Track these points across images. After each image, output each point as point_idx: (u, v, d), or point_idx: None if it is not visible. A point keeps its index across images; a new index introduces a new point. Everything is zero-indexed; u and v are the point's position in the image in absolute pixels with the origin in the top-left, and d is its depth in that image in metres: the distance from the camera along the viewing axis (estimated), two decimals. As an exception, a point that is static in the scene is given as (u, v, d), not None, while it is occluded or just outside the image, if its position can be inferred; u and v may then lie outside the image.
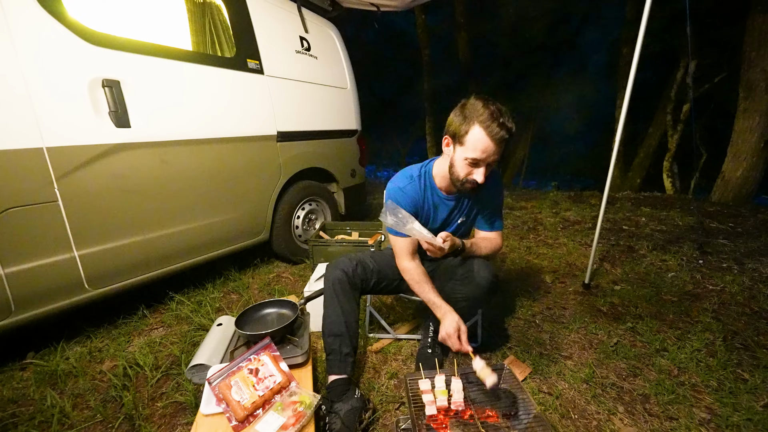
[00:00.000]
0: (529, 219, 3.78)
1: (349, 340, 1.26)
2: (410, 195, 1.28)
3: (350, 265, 1.33)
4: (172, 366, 1.52)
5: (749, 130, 4.17)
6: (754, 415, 1.20)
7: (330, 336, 1.28)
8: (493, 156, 1.11)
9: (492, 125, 1.06)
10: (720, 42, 5.45)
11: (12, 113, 1.32)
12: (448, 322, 1.17)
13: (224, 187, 2.05)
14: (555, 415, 1.23)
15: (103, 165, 1.55)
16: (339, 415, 1.12)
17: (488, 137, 1.07)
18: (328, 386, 1.22)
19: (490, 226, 1.43)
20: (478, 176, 1.13)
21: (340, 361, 1.24)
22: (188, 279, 2.19)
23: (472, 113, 1.09)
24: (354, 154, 3.16)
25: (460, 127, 1.12)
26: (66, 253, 1.47)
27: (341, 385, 1.21)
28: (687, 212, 3.62)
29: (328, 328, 1.29)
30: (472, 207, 1.38)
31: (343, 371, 1.23)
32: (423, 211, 1.33)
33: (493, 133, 1.06)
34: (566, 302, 2.01)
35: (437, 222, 1.38)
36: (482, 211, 1.41)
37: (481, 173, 1.13)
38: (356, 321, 1.31)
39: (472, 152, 1.10)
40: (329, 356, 1.27)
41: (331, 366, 1.25)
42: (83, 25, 1.49)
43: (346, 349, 1.26)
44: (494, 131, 1.06)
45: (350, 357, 1.26)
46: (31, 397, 1.35)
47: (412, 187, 1.29)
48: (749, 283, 2.11)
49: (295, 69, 2.49)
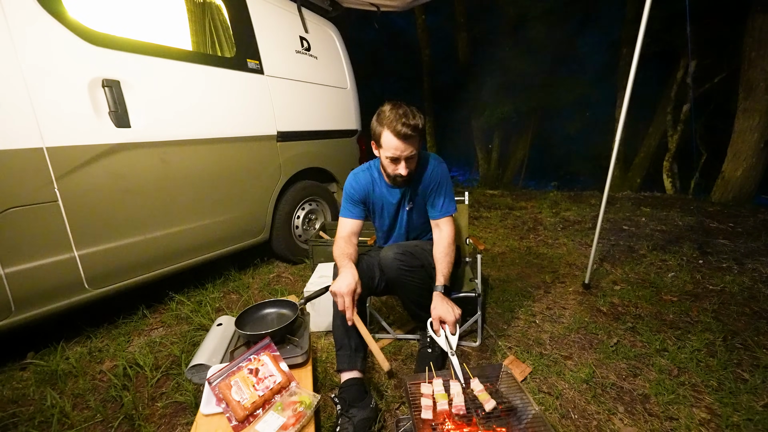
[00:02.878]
0: (529, 219, 3.78)
1: (356, 333, 1.24)
2: (361, 182, 1.46)
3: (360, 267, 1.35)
4: (172, 366, 1.52)
5: (749, 129, 4.16)
6: (754, 415, 1.20)
7: (339, 330, 1.28)
8: (406, 151, 1.25)
9: (397, 125, 1.20)
10: (720, 42, 5.45)
11: (12, 113, 1.32)
12: (341, 278, 1.17)
13: (224, 187, 2.05)
14: (555, 415, 1.23)
15: (103, 165, 1.55)
16: (353, 422, 1.09)
17: (395, 137, 1.22)
18: (341, 385, 1.21)
19: (440, 210, 1.45)
20: (401, 170, 1.29)
21: (350, 356, 1.24)
22: (188, 279, 2.19)
23: (383, 119, 1.25)
24: (354, 154, 3.16)
25: (375, 132, 1.29)
26: (66, 253, 1.48)
27: (357, 386, 1.19)
28: (687, 212, 3.62)
29: (336, 324, 1.30)
30: (417, 193, 1.45)
31: (354, 366, 1.23)
32: (371, 199, 1.47)
33: (398, 132, 1.20)
34: (566, 302, 2.01)
35: (388, 210, 1.49)
36: (429, 196, 1.45)
37: (403, 167, 1.28)
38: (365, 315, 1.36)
39: (387, 152, 1.26)
40: (339, 351, 1.27)
41: (341, 361, 1.24)
42: (83, 25, 1.49)
43: (354, 343, 1.26)
44: (399, 130, 1.20)
45: (360, 352, 1.26)
46: (31, 397, 1.36)
47: (364, 176, 1.46)
48: (749, 283, 2.11)
49: (295, 69, 2.49)
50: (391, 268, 1.31)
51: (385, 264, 1.32)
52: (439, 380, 1.07)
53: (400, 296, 1.45)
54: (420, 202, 1.47)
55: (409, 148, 1.25)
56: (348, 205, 1.46)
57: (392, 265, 1.30)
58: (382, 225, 1.55)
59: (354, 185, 1.45)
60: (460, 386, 1.02)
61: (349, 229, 1.42)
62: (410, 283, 1.34)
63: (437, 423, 0.97)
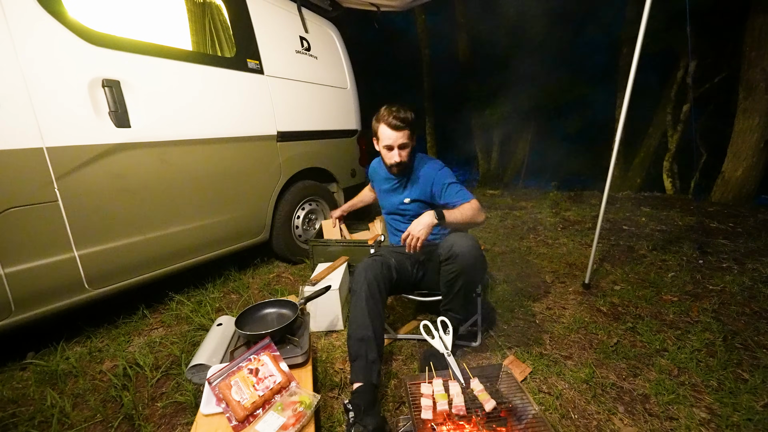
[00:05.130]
0: (529, 219, 3.78)
1: (375, 345, 1.23)
2: (374, 166, 1.79)
3: (379, 269, 1.38)
4: (172, 366, 1.52)
5: (749, 130, 4.16)
6: (754, 415, 1.20)
7: (356, 340, 1.24)
8: (399, 140, 1.46)
9: (389, 118, 1.44)
10: (720, 42, 5.45)
11: (12, 113, 1.32)
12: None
13: (224, 187, 2.05)
14: (555, 415, 1.23)
15: (103, 165, 1.55)
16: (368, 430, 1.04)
17: (388, 127, 1.45)
18: (354, 391, 1.17)
19: (457, 197, 1.49)
20: (396, 157, 1.49)
21: (365, 367, 1.20)
22: (188, 279, 2.19)
23: (379, 116, 1.49)
24: (354, 154, 3.16)
25: (374, 128, 1.53)
26: (66, 253, 1.47)
27: (370, 393, 1.15)
28: (687, 212, 3.62)
29: (354, 332, 1.26)
30: (414, 188, 1.58)
31: (370, 378, 1.18)
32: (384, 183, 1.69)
33: (390, 123, 1.44)
34: (566, 302, 2.01)
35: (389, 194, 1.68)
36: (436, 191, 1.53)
37: (396, 154, 1.48)
38: (382, 326, 1.31)
39: (383, 141, 1.49)
40: (355, 362, 1.22)
41: (357, 372, 1.20)
42: (83, 25, 1.49)
43: (372, 355, 1.22)
44: (391, 122, 1.44)
45: (376, 364, 1.22)
46: (31, 397, 1.35)
47: (379, 165, 1.74)
48: (749, 283, 2.11)
49: (295, 69, 2.49)
50: (470, 255, 1.32)
51: (464, 251, 1.31)
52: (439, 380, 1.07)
53: (455, 289, 1.39)
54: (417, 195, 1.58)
55: (400, 138, 1.45)
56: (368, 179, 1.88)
57: (472, 253, 1.32)
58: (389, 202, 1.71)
59: (377, 169, 1.76)
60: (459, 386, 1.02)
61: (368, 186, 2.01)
62: (479, 273, 1.41)
63: (437, 423, 0.98)
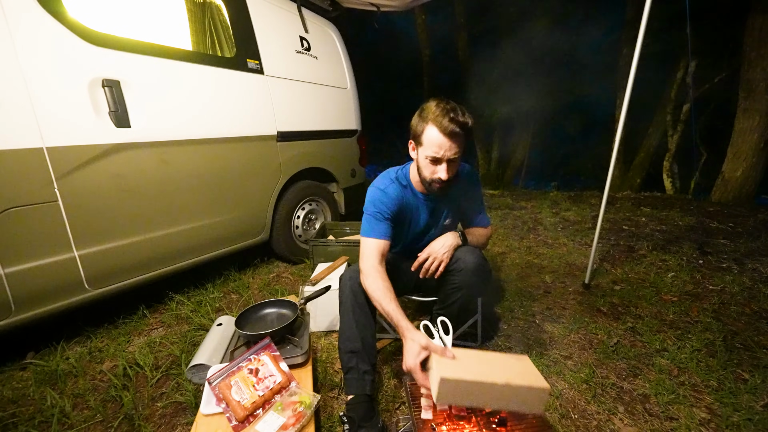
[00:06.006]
0: (529, 219, 3.78)
1: (366, 356, 1.20)
2: (392, 195, 1.30)
3: None
4: (172, 366, 1.52)
5: (749, 130, 4.16)
6: (754, 415, 1.20)
7: (346, 353, 1.21)
8: (450, 151, 1.13)
9: (443, 121, 1.09)
10: (720, 42, 5.45)
11: (12, 113, 1.32)
12: (408, 350, 1.01)
13: (224, 187, 2.05)
14: (555, 415, 1.23)
15: (103, 165, 1.55)
16: None
17: (441, 133, 1.10)
18: (349, 402, 1.16)
19: (481, 220, 1.46)
20: (442, 173, 1.16)
21: (359, 379, 1.18)
22: (188, 279, 2.19)
23: (427, 114, 1.13)
24: (354, 154, 3.16)
25: (416, 128, 1.17)
26: (66, 253, 1.47)
27: (365, 403, 1.14)
28: (687, 212, 3.62)
29: (344, 345, 1.23)
30: (452, 207, 1.40)
31: (363, 390, 1.17)
32: (407, 212, 1.35)
33: (444, 128, 1.09)
34: (566, 302, 2.01)
35: (421, 224, 1.39)
36: (465, 210, 1.44)
37: (444, 170, 1.15)
38: (373, 335, 1.24)
39: (429, 150, 1.14)
40: (347, 374, 1.21)
41: (350, 385, 1.19)
42: (83, 25, 1.49)
43: (364, 367, 1.19)
44: (445, 126, 1.09)
45: (369, 375, 1.19)
46: (31, 397, 1.35)
47: (394, 188, 1.31)
48: (749, 283, 2.11)
49: (295, 69, 2.49)
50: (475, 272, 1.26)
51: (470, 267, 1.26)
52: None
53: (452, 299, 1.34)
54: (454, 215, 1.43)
55: (453, 148, 1.12)
56: (374, 222, 1.26)
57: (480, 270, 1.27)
58: (405, 237, 1.44)
59: (385, 200, 1.27)
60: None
61: (381, 251, 1.22)
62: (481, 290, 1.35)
63: (437, 423, 0.98)
